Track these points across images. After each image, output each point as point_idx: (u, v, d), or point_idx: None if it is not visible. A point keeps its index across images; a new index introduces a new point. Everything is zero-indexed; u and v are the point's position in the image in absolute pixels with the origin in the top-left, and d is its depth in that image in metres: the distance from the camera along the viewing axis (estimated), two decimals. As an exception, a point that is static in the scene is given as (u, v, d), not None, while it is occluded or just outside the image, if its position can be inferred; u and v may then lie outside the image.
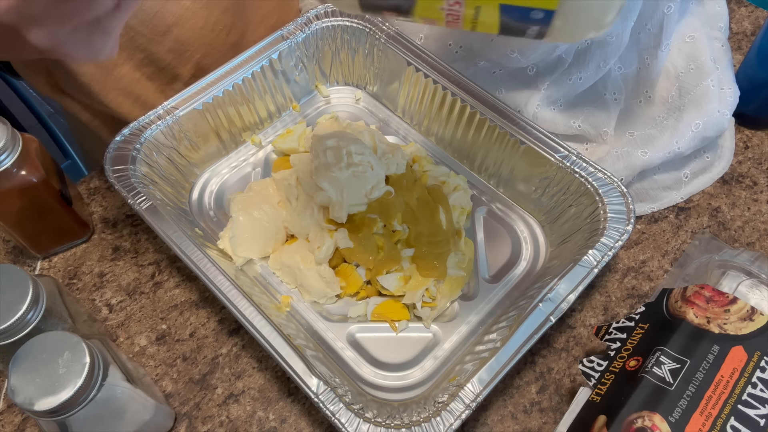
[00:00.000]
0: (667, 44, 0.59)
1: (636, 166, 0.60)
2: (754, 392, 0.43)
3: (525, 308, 0.50)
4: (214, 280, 0.50)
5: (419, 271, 0.55)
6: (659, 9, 0.57)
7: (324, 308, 0.57)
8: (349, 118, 0.69)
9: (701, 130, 0.60)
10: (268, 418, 0.52)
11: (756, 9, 0.82)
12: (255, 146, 0.68)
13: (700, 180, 0.65)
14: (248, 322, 0.48)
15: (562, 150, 0.58)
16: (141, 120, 0.59)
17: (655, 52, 0.59)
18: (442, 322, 0.56)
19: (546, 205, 0.61)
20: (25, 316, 0.43)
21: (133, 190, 0.55)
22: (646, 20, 0.58)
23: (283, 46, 0.65)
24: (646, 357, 0.46)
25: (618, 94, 0.63)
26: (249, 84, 0.64)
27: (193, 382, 0.54)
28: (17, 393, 0.38)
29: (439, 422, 0.44)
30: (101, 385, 0.40)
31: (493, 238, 0.61)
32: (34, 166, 0.53)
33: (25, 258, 0.62)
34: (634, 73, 0.62)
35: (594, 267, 0.51)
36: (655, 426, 0.42)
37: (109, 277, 0.60)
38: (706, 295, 0.48)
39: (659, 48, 0.59)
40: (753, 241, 0.62)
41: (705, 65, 0.61)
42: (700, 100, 0.61)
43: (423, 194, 0.58)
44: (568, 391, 0.54)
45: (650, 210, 0.64)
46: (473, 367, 0.47)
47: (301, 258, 0.56)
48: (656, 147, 0.60)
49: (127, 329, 0.57)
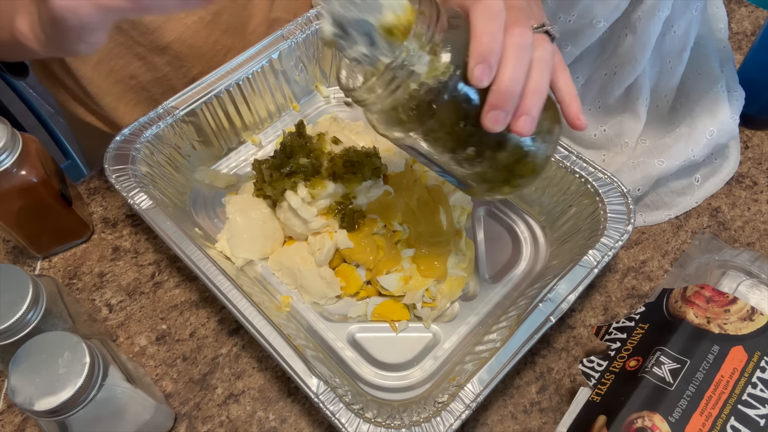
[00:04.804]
0: (690, 48, 0.58)
1: (653, 175, 0.60)
2: (754, 392, 0.43)
3: (525, 308, 0.50)
4: (214, 280, 0.50)
5: (419, 271, 0.55)
6: (689, 10, 0.56)
7: (324, 308, 0.57)
8: (349, 119, 0.69)
9: (715, 137, 0.60)
10: (268, 418, 0.52)
11: (756, 9, 0.82)
12: (255, 146, 0.68)
13: (711, 183, 0.65)
14: (248, 322, 0.48)
15: (562, 150, 0.58)
16: (141, 120, 0.59)
17: (679, 55, 0.59)
18: (442, 322, 0.56)
19: (546, 205, 0.61)
20: (25, 316, 0.43)
21: (133, 190, 0.55)
22: (673, 22, 0.57)
23: (283, 46, 0.65)
24: (646, 357, 0.46)
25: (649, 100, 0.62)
26: (249, 84, 0.64)
27: (193, 382, 0.54)
28: (17, 393, 0.38)
29: (439, 422, 0.44)
30: (101, 385, 0.40)
31: (493, 238, 0.61)
32: (34, 166, 0.53)
33: (25, 258, 0.62)
34: (656, 77, 0.61)
35: (594, 267, 0.51)
36: (655, 426, 0.42)
37: (109, 277, 0.60)
38: (706, 295, 0.48)
39: (684, 51, 0.58)
40: (753, 241, 0.62)
41: (713, 71, 0.61)
42: (712, 106, 0.61)
43: (423, 194, 0.58)
44: (568, 391, 0.53)
45: (668, 217, 0.64)
46: (473, 367, 0.47)
47: (301, 259, 0.56)
48: (672, 156, 0.60)
49: (127, 329, 0.57)
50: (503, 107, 0.35)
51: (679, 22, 0.56)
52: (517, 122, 0.36)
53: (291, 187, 0.55)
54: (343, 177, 0.55)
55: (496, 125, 0.35)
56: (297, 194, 0.55)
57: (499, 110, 0.35)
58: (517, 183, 0.41)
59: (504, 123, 0.35)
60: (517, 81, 0.35)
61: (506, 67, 0.35)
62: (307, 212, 0.55)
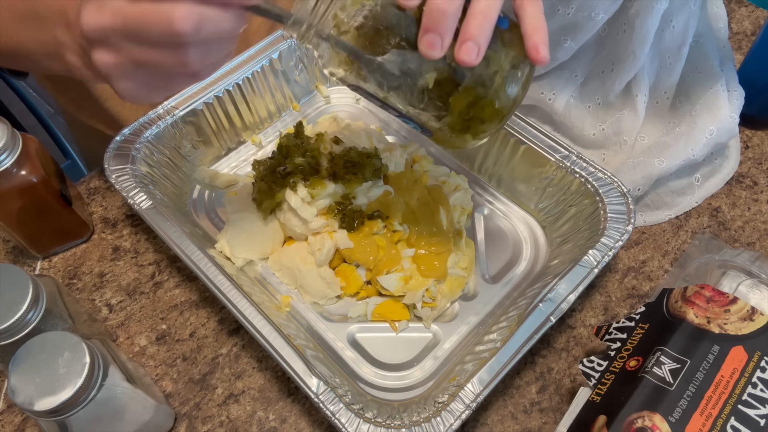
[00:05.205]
0: (689, 43, 0.58)
1: (653, 175, 0.60)
2: (755, 392, 0.43)
3: (525, 308, 0.50)
4: (214, 280, 0.50)
5: (419, 271, 0.55)
6: (687, 4, 0.55)
7: (324, 308, 0.57)
8: (349, 118, 0.69)
9: (715, 136, 0.60)
10: (268, 418, 0.52)
11: (756, 9, 0.82)
12: (255, 146, 0.68)
13: (711, 182, 0.65)
14: (248, 322, 0.48)
15: (562, 150, 0.58)
16: (141, 120, 0.59)
17: (678, 51, 0.58)
18: (442, 322, 0.56)
19: (546, 205, 0.61)
20: (25, 316, 0.43)
21: (133, 190, 0.55)
22: (672, 16, 0.56)
23: (283, 46, 0.65)
24: (647, 357, 0.46)
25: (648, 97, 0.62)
26: (249, 84, 0.64)
27: (193, 382, 0.54)
28: (17, 393, 0.38)
29: (439, 422, 0.44)
30: (101, 385, 0.40)
31: (493, 238, 0.61)
32: (34, 166, 0.53)
33: (25, 258, 0.62)
34: (655, 73, 0.61)
35: (594, 267, 0.51)
36: (655, 426, 0.42)
37: (109, 277, 0.60)
38: (706, 295, 0.48)
39: (684, 46, 0.58)
40: (753, 241, 0.62)
41: (712, 70, 0.61)
42: (712, 105, 0.60)
43: (423, 194, 0.58)
44: (568, 391, 0.53)
45: (668, 217, 0.63)
46: (473, 367, 0.47)
47: (301, 259, 0.56)
48: (672, 155, 0.60)
49: (127, 329, 0.57)
50: (436, 29, 0.32)
51: (678, 17, 0.56)
52: (460, 49, 0.32)
53: (291, 186, 0.55)
54: (344, 178, 0.55)
55: (431, 50, 0.32)
56: (297, 194, 0.55)
57: (433, 32, 0.32)
58: (480, 129, 0.37)
59: (440, 48, 0.32)
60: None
61: None
62: (307, 212, 0.55)
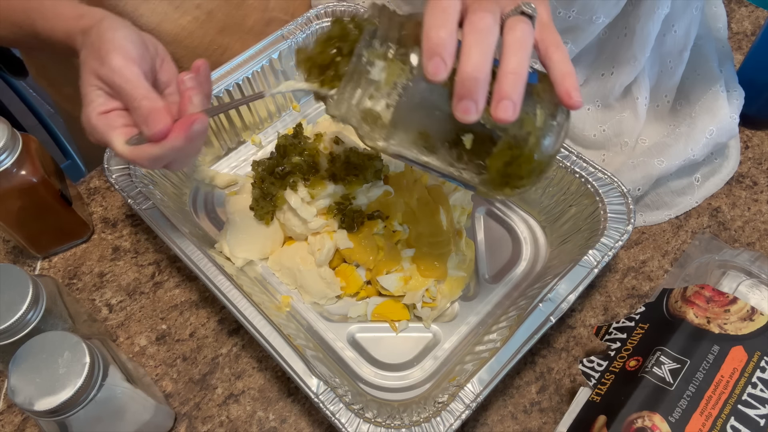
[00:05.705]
0: (690, 47, 0.58)
1: (653, 175, 0.60)
2: (754, 392, 0.43)
3: (525, 308, 0.50)
4: (214, 280, 0.50)
5: (419, 271, 0.55)
6: (689, 9, 0.55)
7: (324, 308, 0.57)
8: (349, 118, 0.69)
9: (715, 136, 0.60)
10: (268, 418, 0.52)
11: (756, 9, 0.82)
12: (255, 146, 0.68)
13: (711, 182, 0.65)
14: (248, 322, 0.48)
15: (562, 150, 0.58)
16: (141, 120, 0.59)
17: (679, 56, 0.58)
18: (442, 322, 0.56)
19: (546, 205, 0.61)
20: (25, 316, 0.43)
21: (133, 190, 0.55)
22: (674, 21, 0.56)
23: (283, 46, 0.65)
24: (646, 357, 0.46)
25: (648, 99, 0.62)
26: (249, 84, 0.64)
27: (193, 382, 0.54)
28: (17, 393, 0.38)
29: (439, 422, 0.44)
30: (101, 385, 0.40)
31: (493, 238, 0.61)
32: (34, 166, 0.53)
33: (25, 258, 0.62)
34: (656, 76, 0.61)
35: (594, 267, 0.51)
36: (655, 426, 0.42)
37: (109, 277, 0.60)
38: (706, 295, 0.48)
39: (685, 51, 0.58)
40: (753, 241, 0.62)
41: (711, 72, 0.61)
42: (712, 106, 0.60)
43: (423, 194, 0.58)
44: (568, 391, 0.53)
45: (668, 217, 0.63)
46: (473, 367, 0.47)
47: (301, 259, 0.56)
48: (672, 155, 0.60)
49: (127, 329, 0.57)
50: (469, 95, 0.33)
51: (680, 21, 0.56)
52: (497, 107, 0.34)
53: (291, 186, 0.55)
54: (345, 179, 0.55)
55: (467, 115, 0.34)
56: (296, 194, 0.55)
57: (467, 99, 0.33)
58: (518, 184, 0.39)
59: (475, 112, 0.34)
60: (478, 66, 0.33)
61: (465, 54, 0.33)
62: (307, 212, 0.55)
